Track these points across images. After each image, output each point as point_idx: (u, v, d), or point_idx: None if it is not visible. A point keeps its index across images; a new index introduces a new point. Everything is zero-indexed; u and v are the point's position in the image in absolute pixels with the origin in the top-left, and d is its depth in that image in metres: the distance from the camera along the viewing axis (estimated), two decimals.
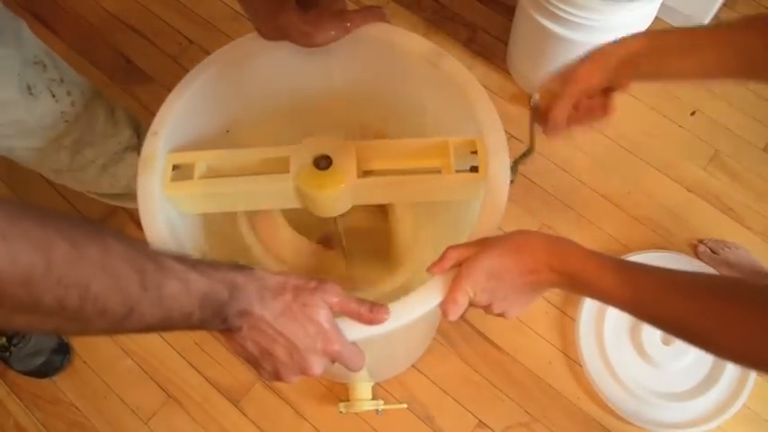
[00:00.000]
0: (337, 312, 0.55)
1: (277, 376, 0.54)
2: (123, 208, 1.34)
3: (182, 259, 0.47)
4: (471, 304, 0.59)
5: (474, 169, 0.67)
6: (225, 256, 0.77)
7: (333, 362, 0.55)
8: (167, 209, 0.69)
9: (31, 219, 0.37)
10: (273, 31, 0.72)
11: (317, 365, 0.53)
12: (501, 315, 0.60)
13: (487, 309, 0.59)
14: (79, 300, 0.39)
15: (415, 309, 0.58)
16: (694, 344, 0.49)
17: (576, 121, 0.64)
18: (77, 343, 1.30)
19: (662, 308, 0.50)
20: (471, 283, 0.57)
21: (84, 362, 1.29)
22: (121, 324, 0.43)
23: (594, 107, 0.63)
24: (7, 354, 1.25)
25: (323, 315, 0.53)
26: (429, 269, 0.59)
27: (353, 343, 0.56)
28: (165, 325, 0.46)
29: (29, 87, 0.80)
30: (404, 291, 0.60)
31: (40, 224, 0.37)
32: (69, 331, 0.42)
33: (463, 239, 0.61)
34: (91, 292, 0.39)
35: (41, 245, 0.37)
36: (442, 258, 0.59)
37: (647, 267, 0.52)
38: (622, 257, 1.30)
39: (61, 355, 1.27)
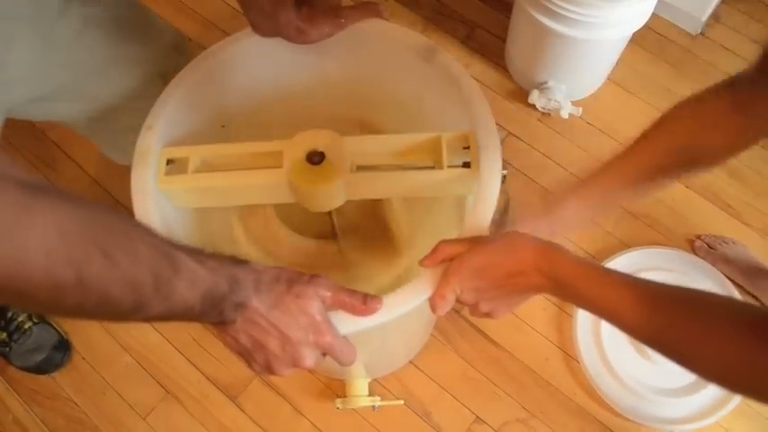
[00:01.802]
0: (330, 306, 0.55)
1: (269, 369, 0.54)
2: None
3: (194, 254, 0.47)
4: (458, 301, 0.59)
5: (466, 164, 0.68)
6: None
7: (324, 355, 0.56)
8: (162, 203, 0.69)
9: (78, 230, 0.38)
10: (270, 28, 0.72)
11: (309, 358, 0.54)
12: (488, 315, 0.60)
13: (474, 307, 0.59)
14: (97, 301, 0.40)
15: (406, 302, 0.58)
16: (675, 360, 0.48)
17: None
18: (76, 339, 1.30)
19: (646, 324, 0.50)
20: (459, 279, 0.57)
21: (83, 358, 1.29)
22: (124, 317, 0.44)
23: None
24: (7, 349, 1.25)
25: (315, 307, 0.53)
26: (421, 262, 0.60)
27: (344, 337, 0.56)
28: (165, 317, 0.46)
29: (163, 75, 0.80)
30: (400, 284, 0.60)
31: (83, 237, 0.38)
32: (68, 317, 0.43)
33: (456, 233, 0.62)
34: (110, 296, 0.40)
35: (78, 261, 0.38)
36: (433, 252, 0.59)
37: (635, 281, 0.52)
38: (620, 254, 1.31)
39: (61, 352, 1.27)
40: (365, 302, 0.56)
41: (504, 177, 0.66)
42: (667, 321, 0.48)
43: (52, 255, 0.36)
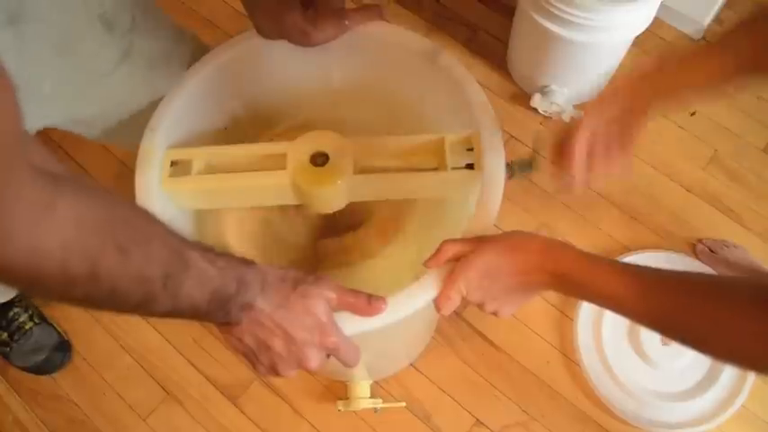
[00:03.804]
0: (335, 307, 0.55)
1: (274, 370, 0.54)
2: None
3: (205, 253, 0.47)
4: (464, 300, 0.59)
5: (470, 166, 0.68)
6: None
7: (328, 356, 0.56)
8: (165, 205, 0.69)
9: (96, 225, 0.38)
10: (274, 30, 0.72)
11: (315, 359, 0.54)
12: (493, 313, 0.60)
13: (479, 307, 0.60)
14: (106, 294, 0.40)
15: (411, 303, 0.58)
16: (686, 343, 0.49)
17: (595, 159, 0.59)
18: (76, 340, 1.30)
19: (654, 308, 0.50)
20: (465, 280, 0.57)
21: (84, 358, 1.29)
22: (130, 311, 0.44)
23: (612, 140, 0.59)
24: (8, 349, 1.25)
25: (321, 307, 0.53)
26: (425, 263, 0.60)
27: (349, 338, 0.56)
28: (171, 314, 0.46)
29: None
30: (403, 285, 0.60)
31: (100, 232, 0.38)
32: (74, 306, 0.43)
33: (459, 235, 0.62)
34: (119, 290, 0.41)
35: (93, 256, 0.38)
36: (438, 252, 0.59)
37: (640, 268, 0.52)
38: (621, 257, 1.31)
39: (62, 352, 1.27)
40: (370, 303, 0.56)
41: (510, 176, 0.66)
42: (679, 304, 0.48)
43: (69, 248, 0.36)
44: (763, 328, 0.43)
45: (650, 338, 1.22)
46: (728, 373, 1.20)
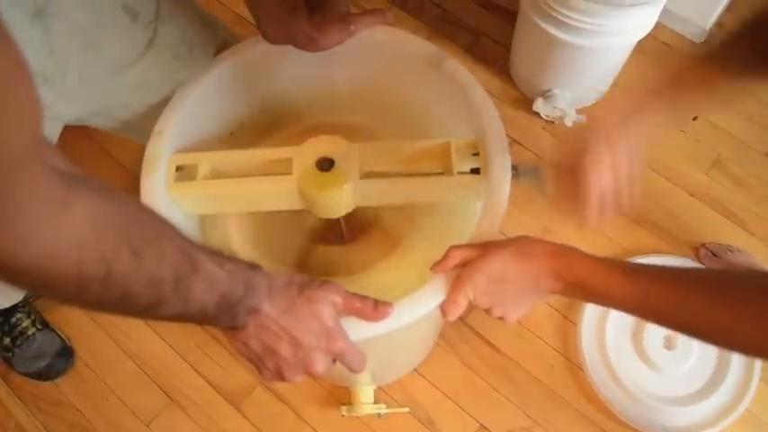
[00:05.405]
0: (341, 311, 0.55)
1: (279, 375, 0.54)
2: None
3: (213, 256, 0.47)
4: (471, 305, 0.59)
5: (475, 171, 0.68)
6: None
7: (334, 361, 0.55)
8: (171, 210, 0.69)
9: (111, 226, 0.38)
10: (280, 36, 0.72)
11: (321, 363, 0.53)
12: (500, 318, 0.60)
13: (487, 312, 0.60)
14: (118, 297, 0.40)
15: (417, 308, 0.58)
16: (705, 340, 0.49)
17: (608, 206, 0.60)
18: (79, 345, 1.30)
19: (670, 307, 0.50)
20: (472, 286, 0.57)
21: (86, 364, 1.29)
22: (138, 314, 0.44)
23: (621, 185, 0.60)
24: (10, 354, 1.25)
25: (327, 312, 0.53)
26: (432, 268, 0.60)
27: (355, 343, 0.56)
28: (179, 318, 0.46)
29: None
30: (408, 290, 0.60)
31: (115, 234, 0.38)
32: (84, 309, 0.42)
33: (465, 240, 0.62)
34: (131, 293, 0.40)
35: (108, 257, 0.37)
36: (444, 258, 0.59)
37: (653, 268, 0.52)
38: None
39: (65, 358, 1.27)
40: (376, 308, 0.56)
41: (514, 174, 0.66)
42: (695, 301, 0.48)
43: (84, 249, 0.36)
44: None
45: (654, 342, 1.22)
46: (733, 376, 1.20)
